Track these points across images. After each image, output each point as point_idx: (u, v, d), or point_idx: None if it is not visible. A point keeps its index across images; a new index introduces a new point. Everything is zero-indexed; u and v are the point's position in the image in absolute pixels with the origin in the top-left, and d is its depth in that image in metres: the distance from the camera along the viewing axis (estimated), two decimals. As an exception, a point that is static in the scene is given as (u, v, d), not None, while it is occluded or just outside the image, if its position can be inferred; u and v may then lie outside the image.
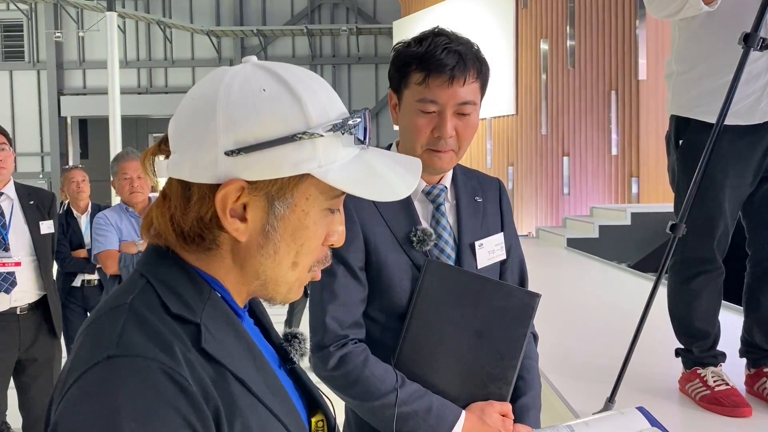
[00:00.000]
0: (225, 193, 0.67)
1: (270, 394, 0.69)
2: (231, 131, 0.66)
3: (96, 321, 0.67)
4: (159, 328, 0.64)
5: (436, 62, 1.19)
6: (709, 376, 2.01)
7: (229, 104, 0.67)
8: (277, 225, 0.69)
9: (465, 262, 1.31)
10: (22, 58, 18.48)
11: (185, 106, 0.71)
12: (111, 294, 0.71)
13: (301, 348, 0.83)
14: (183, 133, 0.69)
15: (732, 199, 1.95)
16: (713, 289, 2.02)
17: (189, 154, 0.68)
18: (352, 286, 1.25)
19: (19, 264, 2.96)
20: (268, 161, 0.66)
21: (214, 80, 0.70)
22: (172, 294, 0.68)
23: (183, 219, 0.69)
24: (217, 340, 0.67)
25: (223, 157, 0.66)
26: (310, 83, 0.70)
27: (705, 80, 1.94)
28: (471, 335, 1.24)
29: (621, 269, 5.64)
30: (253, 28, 17.81)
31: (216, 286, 0.71)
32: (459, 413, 1.22)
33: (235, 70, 0.70)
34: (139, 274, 0.70)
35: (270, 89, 0.68)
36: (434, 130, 1.23)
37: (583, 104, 10.25)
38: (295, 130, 0.67)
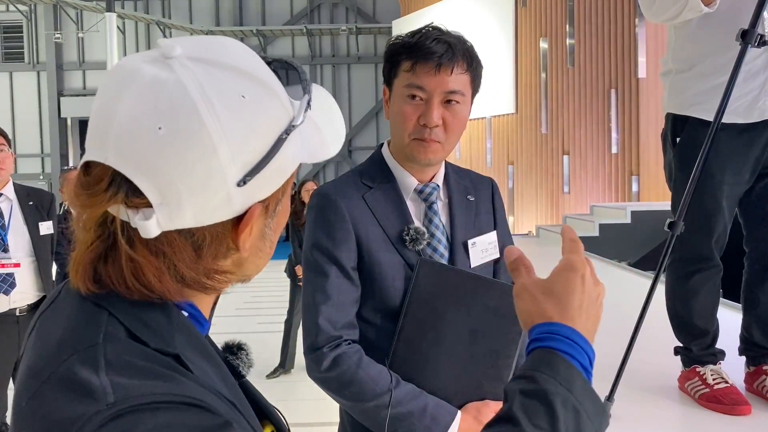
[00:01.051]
0: (251, 225, 0.60)
1: (245, 411, 0.64)
2: (237, 159, 0.56)
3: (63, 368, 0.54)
4: (149, 366, 0.55)
5: (425, 50, 1.20)
6: (709, 374, 2.01)
7: (226, 130, 0.56)
8: (272, 224, 0.65)
9: (458, 261, 1.30)
10: (22, 59, 18.50)
11: (155, 146, 0.55)
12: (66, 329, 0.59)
13: (248, 360, 0.76)
14: (171, 182, 0.55)
15: (729, 197, 1.94)
16: (711, 286, 2.01)
17: (190, 202, 0.56)
18: (345, 286, 1.24)
19: (19, 265, 2.97)
20: (275, 170, 0.59)
21: (175, 100, 0.55)
22: (143, 326, 0.58)
23: (195, 268, 0.60)
24: (197, 364, 0.59)
25: (235, 190, 0.57)
26: (261, 64, 0.62)
27: (703, 79, 1.94)
28: (465, 335, 1.23)
29: (621, 267, 5.64)
30: (253, 29, 17.82)
31: (184, 305, 0.63)
32: (454, 413, 1.21)
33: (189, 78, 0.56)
34: (95, 305, 0.59)
35: (247, 93, 0.58)
36: (420, 118, 1.22)
37: (582, 103, 10.25)
38: (283, 127, 0.60)
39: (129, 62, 0.58)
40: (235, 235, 0.60)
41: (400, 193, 1.30)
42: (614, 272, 5.41)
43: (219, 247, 0.60)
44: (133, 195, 0.56)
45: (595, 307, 0.73)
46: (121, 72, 0.58)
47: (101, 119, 0.57)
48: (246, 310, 7.85)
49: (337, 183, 1.31)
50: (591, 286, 0.73)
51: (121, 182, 0.56)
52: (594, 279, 0.75)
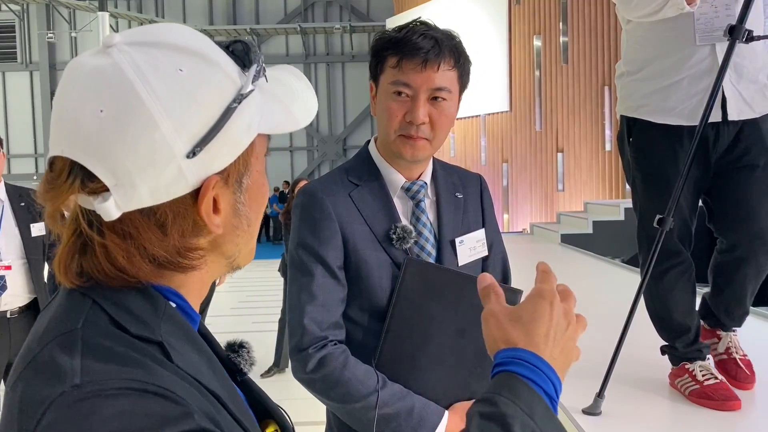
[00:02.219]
0: (208, 197, 0.60)
1: (234, 407, 0.64)
2: (182, 131, 0.57)
3: (44, 351, 0.57)
4: (124, 351, 0.56)
5: (411, 45, 1.18)
6: (698, 370, 2.02)
7: (164, 103, 0.56)
8: (244, 198, 0.65)
9: (446, 259, 1.29)
10: (15, 59, 18.43)
11: (97, 132, 0.56)
12: (51, 318, 0.61)
13: (249, 358, 0.76)
14: (119, 162, 0.56)
15: (687, 194, 1.97)
16: (686, 282, 2.04)
17: (141, 179, 0.57)
18: (331, 286, 1.22)
19: (9, 267, 2.94)
20: (227, 141, 0.59)
21: (114, 85, 0.57)
22: (126, 313, 0.59)
23: (162, 248, 0.60)
24: (182, 354, 0.60)
25: (185, 162, 0.57)
26: (202, 39, 0.63)
27: (650, 81, 1.98)
28: (453, 334, 1.22)
29: (615, 264, 5.65)
30: (247, 27, 17.79)
31: (171, 295, 0.64)
32: (442, 414, 1.20)
33: (125, 61, 0.57)
34: (81, 294, 0.60)
35: (185, 66, 0.58)
36: (406, 115, 1.20)
37: (576, 100, 10.27)
38: (231, 97, 0.60)
39: (76, 59, 0.61)
40: (198, 209, 0.60)
41: (387, 191, 1.28)
42: (608, 269, 5.42)
43: (184, 224, 0.60)
44: (89, 180, 0.57)
45: (564, 339, 0.73)
46: (69, 69, 0.60)
47: (56, 116, 0.59)
48: (241, 309, 7.84)
49: (324, 180, 1.29)
50: (560, 316, 0.73)
51: (77, 170, 0.57)
52: (568, 313, 0.74)
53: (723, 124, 1.92)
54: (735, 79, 1.89)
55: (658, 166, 1.96)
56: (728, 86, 1.88)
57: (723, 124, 1.92)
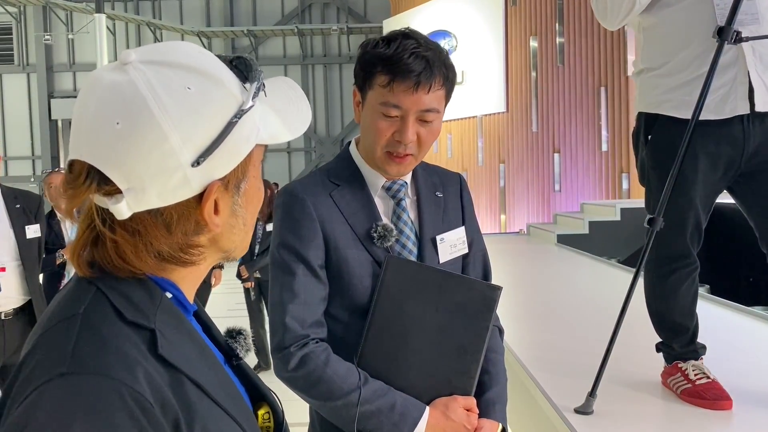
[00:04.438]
0: (211, 201, 0.67)
1: (224, 394, 0.69)
2: (189, 143, 0.65)
3: (47, 332, 0.64)
4: (115, 339, 0.62)
5: (403, 67, 1.17)
6: (690, 369, 2.02)
7: (173, 118, 0.64)
8: (241, 201, 0.72)
9: (427, 257, 1.30)
10: (12, 61, 18.40)
11: (114, 142, 0.63)
12: (59, 302, 0.68)
13: (246, 344, 0.83)
14: (132, 168, 0.64)
15: (702, 195, 1.95)
16: (690, 283, 2.03)
17: (151, 184, 0.64)
18: (313, 284, 1.23)
19: (4, 269, 2.94)
20: (229, 152, 0.67)
21: (129, 100, 0.64)
22: (125, 300, 0.66)
23: (167, 245, 0.68)
24: (172, 344, 0.66)
25: (190, 170, 0.65)
26: (209, 59, 0.70)
27: (672, 76, 1.94)
28: (433, 330, 1.22)
29: (610, 264, 5.65)
30: (244, 29, 17.78)
31: (168, 286, 0.71)
32: (423, 409, 1.20)
33: (139, 79, 0.65)
34: (87, 282, 0.68)
35: (193, 85, 0.66)
36: (395, 134, 1.21)
37: (573, 101, 10.28)
38: (233, 112, 0.67)
39: (95, 73, 0.68)
40: (200, 211, 0.67)
41: (367, 191, 1.29)
42: (604, 269, 5.43)
43: (187, 224, 0.68)
44: (104, 183, 0.64)
45: None
46: (88, 81, 0.68)
47: (76, 123, 0.67)
48: (238, 311, 7.83)
49: (304, 181, 1.30)
50: None
51: (94, 174, 0.64)
52: None
53: (750, 120, 1.88)
54: (761, 69, 1.85)
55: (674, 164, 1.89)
56: (755, 77, 1.85)
57: (750, 120, 1.88)
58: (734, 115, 1.88)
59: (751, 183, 1.95)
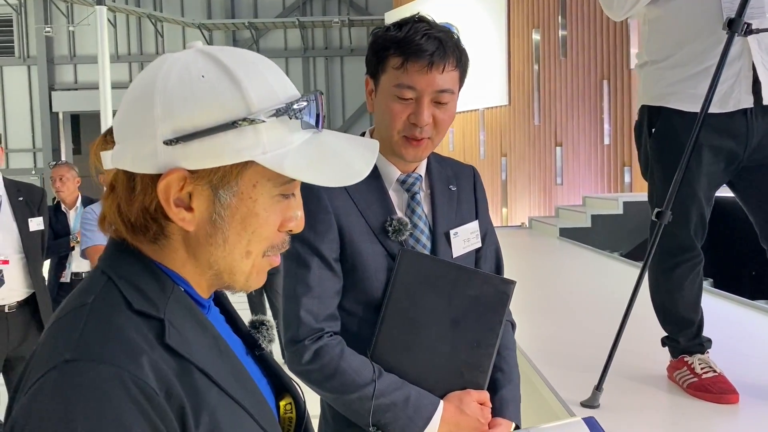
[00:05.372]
0: (166, 182, 0.66)
1: (236, 384, 0.69)
2: (169, 120, 0.65)
3: (57, 322, 0.66)
4: (121, 328, 0.63)
5: (415, 47, 1.17)
6: (696, 363, 2.02)
7: (167, 93, 0.66)
8: (224, 214, 0.69)
9: (440, 251, 1.30)
10: (12, 53, 18.34)
11: (127, 96, 0.70)
12: (73, 293, 0.70)
13: (269, 334, 0.83)
14: (124, 124, 0.69)
15: (706, 187, 1.95)
16: (695, 277, 2.02)
17: (130, 144, 0.68)
18: (327, 277, 1.23)
19: (7, 262, 2.94)
20: (208, 149, 0.66)
21: (154, 68, 0.69)
22: (135, 290, 0.67)
23: (129, 209, 0.69)
24: (182, 334, 0.66)
25: (162, 146, 0.66)
26: (254, 66, 0.69)
27: (678, 69, 1.93)
28: (447, 324, 1.22)
29: (613, 258, 5.65)
30: (245, 21, 17.72)
31: (177, 279, 0.71)
32: (437, 403, 1.21)
33: (176, 56, 0.69)
34: (101, 272, 0.70)
35: (209, 75, 0.67)
36: (410, 117, 1.20)
37: (575, 94, 10.25)
38: (235, 116, 0.66)
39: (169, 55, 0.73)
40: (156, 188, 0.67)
41: (382, 184, 1.28)
42: (606, 263, 5.42)
43: (146, 197, 0.68)
44: (110, 134, 0.72)
45: None
46: None
47: None
48: (238, 303, 7.85)
49: None
50: None
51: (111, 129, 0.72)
52: None
53: (754, 113, 1.87)
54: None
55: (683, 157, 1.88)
56: (761, 70, 1.84)
57: (754, 113, 1.87)
58: (738, 108, 1.88)
59: (752, 177, 1.94)
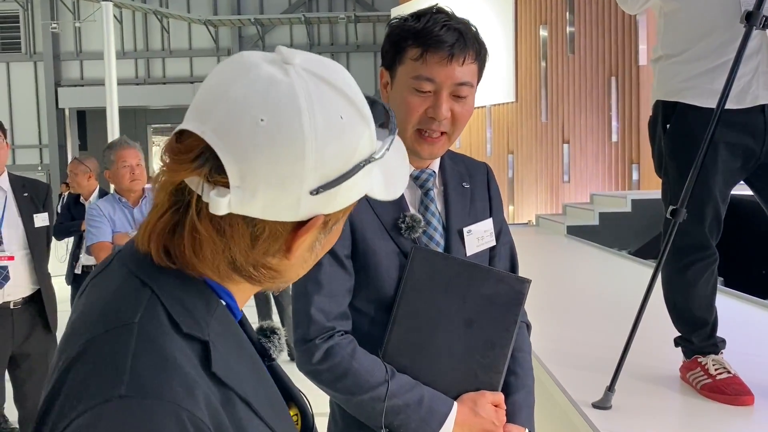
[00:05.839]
0: (311, 233, 0.64)
1: (271, 410, 0.67)
2: (319, 170, 0.61)
3: (98, 341, 0.59)
4: (174, 356, 0.58)
5: (435, 38, 1.14)
6: (710, 364, 1.98)
7: (319, 141, 0.60)
8: (324, 240, 0.69)
9: (454, 249, 1.26)
10: (19, 49, 18.39)
11: (252, 135, 0.59)
12: (108, 303, 0.63)
13: (279, 344, 0.80)
14: (255, 170, 0.59)
15: (722, 185, 1.91)
16: (709, 276, 1.99)
17: (264, 193, 0.60)
18: (339, 275, 1.19)
19: (12, 258, 2.92)
20: (345, 191, 0.64)
21: (284, 103, 0.60)
22: (182, 309, 0.62)
23: (247, 256, 0.64)
24: (224, 358, 0.63)
25: (307, 197, 0.61)
26: (361, 94, 0.67)
27: (693, 63, 1.90)
28: (460, 324, 1.19)
29: (621, 256, 5.60)
30: (251, 17, 17.70)
31: (223, 294, 0.67)
32: (451, 405, 1.18)
33: (301, 88, 0.61)
34: (141, 282, 0.63)
35: (346, 116, 0.63)
36: (428, 110, 1.17)
37: (583, 91, 10.19)
38: (366, 155, 0.64)
39: (251, 56, 0.64)
40: (292, 238, 0.64)
41: None
42: (615, 261, 5.38)
43: (272, 245, 0.64)
44: (216, 172, 0.60)
45: None
46: (241, 61, 0.63)
47: (209, 95, 0.62)
48: (245, 300, 7.84)
49: None
50: None
51: (209, 157, 0.60)
52: None
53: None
54: None
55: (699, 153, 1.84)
56: None
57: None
58: (755, 104, 1.84)
59: None
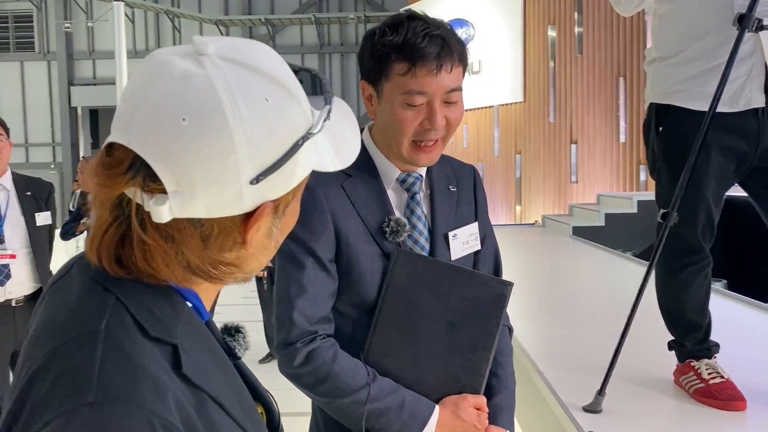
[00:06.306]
0: (260, 222, 0.63)
1: (241, 409, 0.66)
2: (254, 159, 0.59)
3: (63, 349, 0.57)
4: (143, 361, 0.57)
5: (420, 50, 1.12)
6: (704, 368, 1.97)
7: (247, 131, 0.58)
8: (280, 224, 0.68)
9: (439, 254, 1.26)
10: (33, 48, 18.55)
11: (177, 136, 0.57)
12: (71, 311, 0.61)
13: (245, 342, 0.79)
14: (188, 172, 0.58)
15: (715, 188, 1.90)
16: (702, 280, 1.97)
17: (202, 192, 0.58)
18: (322, 278, 1.19)
19: (14, 256, 2.96)
20: (287, 174, 0.62)
21: (203, 97, 0.58)
22: (148, 313, 0.61)
23: (201, 257, 0.62)
24: (193, 360, 0.62)
25: (247, 187, 0.60)
26: (288, 70, 0.64)
27: (686, 66, 1.89)
28: (443, 327, 1.20)
29: (626, 258, 5.57)
30: (261, 17, 17.75)
31: (189, 296, 0.66)
32: (432, 408, 1.18)
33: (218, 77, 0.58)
34: (103, 288, 0.61)
35: (272, 97, 0.60)
36: (423, 122, 1.17)
37: (591, 91, 10.14)
38: (302, 133, 0.62)
39: (162, 54, 0.61)
40: (243, 230, 0.63)
41: (381, 183, 1.25)
42: (619, 263, 5.35)
43: (226, 240, 0.63)
44: (150, 180, 0.58)
45: None
46: (153, 61, 0.61)
47: (129, 104, 0.60)
48: (252, 298, 7.86)
49: None
50: None
51: (140, 166, 0.58)
52: None
53: (765, 113, 1.83)
54: None
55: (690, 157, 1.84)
56: None
57: (765, 113, 1.83)
58: (749, 108, 1.83)
59: (764, 178, 1.89)
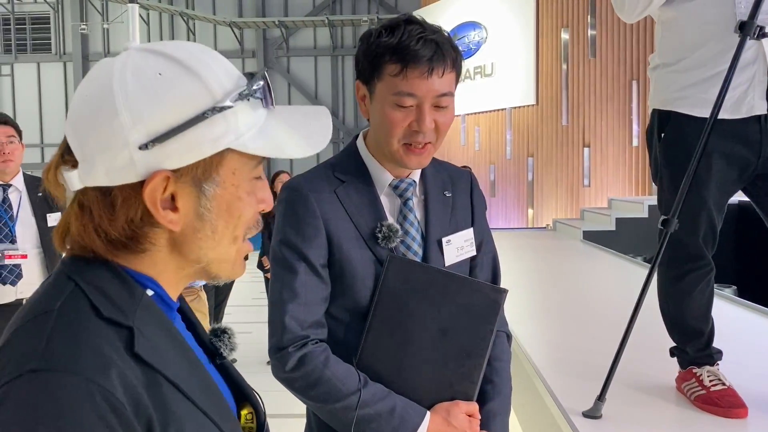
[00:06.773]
0: (152, 187, 0.65)
1: (203, 395, 0.68)
2: (140, 124, 0.64)
3: (21, 328, 0.63)
4: (90, 336, 0.61)
5: (413, 53, 1.13)
6: (705, 375, 1.96)
7: (129, 97, 0.64)
8: (210, 206, 0.69)
9: (432, 259, 1.26)
10: (49, 50, 18.77)
11: (79, 110, 0.67)
12: (36, 297, 0.67)
13: (230, 343, 0.82)
14: (86, 139, 0.66)
15: (717, 195, 1.89)
16: (705, 286, 1.96)
17: (100, 159, 0.65)
18: (314, 283, 1.20)
19: (26, 256, 2.99)
20: (186, 145, 0.65)
21: (102, 75, 0.67)
22: (103, 297, 0.65)
23: (111, 226, 0.66)
24: (151, 343, 0.65)
25: (138, 153, 0.64)
26: (202, 56, 0.69)
27: (688, 72, 1.88)
28: (435, 333, 1.20)
29: (635, 263, 5.54)
30: (275, 19, 17.83)
31: (149, 283, 0.70)
32: (423, 414, 1.18)
33: (121, 60, 0.67)
34: (66, 277, 0.67)
35: (166, 72, 0.66)
36: (412, 124, 1.17)
37: (604, 94, 10.09)
38: (203, 107, 0.66)
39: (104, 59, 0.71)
40: (143, 197, 0.66)
41: (374, 188, 1.25)
42: (628, 268, 5.32)
43: (130, 209, 0.67)
44: (67, 153, 0.68)
45: None
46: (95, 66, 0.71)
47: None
48: (262, 299, 7.90)
49: (308, 176, 1.26)
50: None
51: (67, 145, 0.68)
52: None
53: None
54: None
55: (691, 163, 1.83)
56: None
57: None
58: (751, 115, 1.82)
59: (767, 185, 1.88)
